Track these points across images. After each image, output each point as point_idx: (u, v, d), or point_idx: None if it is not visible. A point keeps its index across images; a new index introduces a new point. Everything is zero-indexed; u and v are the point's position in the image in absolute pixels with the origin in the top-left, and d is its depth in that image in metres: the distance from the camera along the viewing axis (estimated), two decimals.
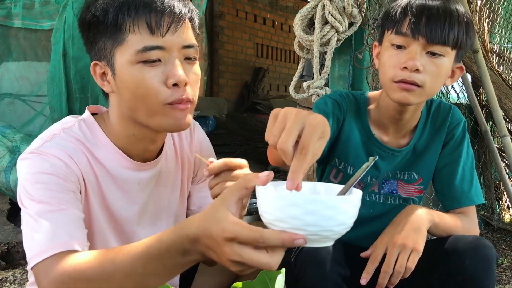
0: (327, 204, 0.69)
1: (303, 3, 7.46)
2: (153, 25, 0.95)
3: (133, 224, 1.12)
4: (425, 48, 1.17)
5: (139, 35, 0.95)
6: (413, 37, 1.16)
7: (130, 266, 0.79)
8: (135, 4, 0.96)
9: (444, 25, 1.15)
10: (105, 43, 0.99)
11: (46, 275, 0.85)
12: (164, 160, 1.17)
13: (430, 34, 1.15)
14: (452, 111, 1.37)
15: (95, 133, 1.06)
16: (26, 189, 0.94)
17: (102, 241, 1.07)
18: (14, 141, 2.51)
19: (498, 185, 3.42)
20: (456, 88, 3.08)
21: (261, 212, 0.73)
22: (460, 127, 1.36)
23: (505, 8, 3.66)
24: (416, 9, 1.18)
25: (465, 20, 1.18)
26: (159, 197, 1.17)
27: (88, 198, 1.03)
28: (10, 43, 2.74)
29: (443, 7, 1.18)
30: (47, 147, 0.98)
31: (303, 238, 0.68)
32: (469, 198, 1.34)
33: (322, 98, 1.38)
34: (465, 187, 1.34)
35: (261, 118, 6.61)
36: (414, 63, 1.15)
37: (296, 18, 1.92)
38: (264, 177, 0.73)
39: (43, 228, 0.89)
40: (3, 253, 2.26)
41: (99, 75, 1.03)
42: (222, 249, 0.69)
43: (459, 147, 1.36)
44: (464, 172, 1.35)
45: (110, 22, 0.96)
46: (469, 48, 1.24)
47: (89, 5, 1.01)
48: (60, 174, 0.95)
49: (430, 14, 1.16)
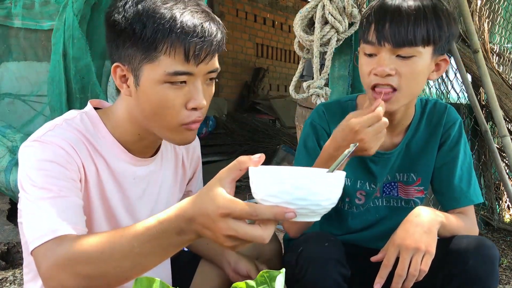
0: (315, 179, 0.77)
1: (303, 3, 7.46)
2: (190, 55, 0.95)
3: (126, 217, 1.14)
4: (394, 52, 1.16)
5: (172, 59, 0.96)
6: (379, 44, 1.16)
7: (128, 246, 0.81)
8: (176, 28, 0.94)
9: (408, 26, 1.13)
10: (135, 53, 0.98)
11: (46, 258, 0.86)
12: (160, 159, 1.20)
13: (394, 39, 1.14)
14: (447, 110, 1.36)
15: (97, 125, 1.08)
16: (29, 175, 0.95)
17: (99, 230, 1.08)
18: (14, 141, 2.51)
19: (498, 185, 3.42)
20: (456, 88, 3.08)
21: (253, 190, 0.79)
22: (456, 127, 1.35)
23: (505, 8, 3.66)
24: (379, 15, 1.16)
25: (435, 13, 1.15)
26: (150, 195, 1.19)
27: (87, 187, 1.05)
28: (10, 43, 2.74)
29: (406, 7, 1.15)
30: (50, 136, 1.00)
31: (293, 212, 0.74)
32: (468, 197, 1.33)
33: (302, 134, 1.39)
34: (464, 187, 1.33)
35: (261, 118, 6.62)
36: (383, 70, 1.15)
37: (296, 18, 1.92)
38: (257, 159, 0.79)
39: (43, 213, 0.91)
40: (3, 253, 2.26)
41: (119, 76, 1.03)
42: (217, 225, 0.74)
43: (456, 147, 1.35)
44: (462, 171, 1.34)
45: (146, 38, 0.95)
46: (449, 39, 1.20)
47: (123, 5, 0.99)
48: (62, 162, 0.97)
49: (392, 18, 1.14)
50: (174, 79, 0.97)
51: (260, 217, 0.74)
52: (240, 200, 0.75)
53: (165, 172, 1.22)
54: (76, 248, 0.85)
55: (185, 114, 1.00)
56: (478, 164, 3.24)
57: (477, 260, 1.11)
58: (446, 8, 1.20)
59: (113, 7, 1.01)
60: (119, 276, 0.84)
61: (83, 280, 0.84)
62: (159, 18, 0.94)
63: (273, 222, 0.76)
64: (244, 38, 7.91)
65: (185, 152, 1.27)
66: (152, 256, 0.82)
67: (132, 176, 1.13)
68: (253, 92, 7.76)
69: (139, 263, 0.82)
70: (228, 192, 0.76)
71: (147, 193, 1.17)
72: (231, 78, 7.59)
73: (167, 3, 0.97)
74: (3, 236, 2.34)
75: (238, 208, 0.74)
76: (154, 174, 1.18)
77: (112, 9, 1.01)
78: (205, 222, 0.76)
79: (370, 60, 1.19)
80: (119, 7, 0.99)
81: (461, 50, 2.86)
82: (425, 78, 1.22)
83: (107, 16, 1.03)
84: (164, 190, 1.22)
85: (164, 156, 1.21)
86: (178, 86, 0.98)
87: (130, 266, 0.83)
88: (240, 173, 0.79)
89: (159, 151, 1.19)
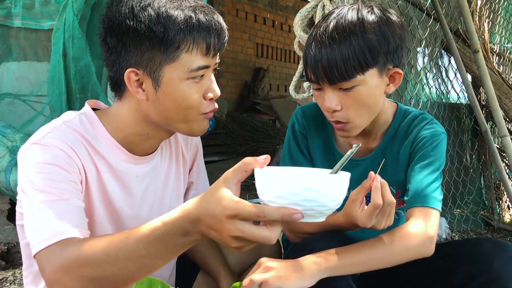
0: (323, 181, 0.77)
1: (303, 3, 7.46)
2: (211, 49, 1.02)
3: (130, 216, 1.14)
4: (335, 87, 1.15)
5: (193, 56, 1.00)
6: (318, 83, 1.16)
7: (134, 248, 0.81)
8: (196, 26, 1.00)
9: (337, 62, 1.10)
10: (153, 56, 1.00)
11: (50, 261, 0.86)
12: (159, 155, 1.20)
13: (329, 78, 1.13)
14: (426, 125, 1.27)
15: (95, 126, 1.08)
16: (29, 179, 0.95)
17: (101, 231, 1.08)
18: (14, 141, 2.51)
19: (498, 185, 3.42)
20: (456, 88, 3.08)
21: (260, 192, 0.79)
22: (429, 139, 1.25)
23: (505, 8, 3.67)
24: (311, 55, 1.15)
25: (363, 37, 1.10)
26: (155, 190, 1.19)
27: (88, 188, 1.05)
28: (10, 43, 2.73)
29: (333, 42, 1.11)
30: (49, 138, 0.99)
31: (301, 213, 0.74)
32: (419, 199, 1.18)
33: (287, 136, 1.39)
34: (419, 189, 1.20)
35: (261, 118, 6.62)
36: (328, 107, 1.17)
37: (296, 18, 1.92)
38: (262, 160, 0.79)
39: (46, 216, 0.91)
40: (3, 253, 2.26)
41: (134, 82, 1.03)
42: (224, 226, 0.74)
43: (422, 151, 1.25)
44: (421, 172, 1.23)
45: (169, 39, 0.98)
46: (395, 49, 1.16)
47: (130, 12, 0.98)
48: (62, 164, 0.97)
49: (322, 57, 1.12)
50: (196, 74, 1.02)
51: (267, 218, 0.74)
52: (247, 202, 0.75)
53: (167, 166, 1.23)
54: (81, 251, 0.84)
55: (205, 104, 1.06)
56: (478, 164, 3.25)
57: (502, 261, 1.09)
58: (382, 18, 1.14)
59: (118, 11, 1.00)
60: (124, 278, 0.84)
61: (89, 282, 0.83)
62: (176, 18, 0.98)
63: (279, 223, 0.76)
64: (244, 38, 7.91)
65: (183, 142, 1.28)
66: (158, 257, 0.82)
67: (134, 174, 1.13)
68: (253, 92, 7.76)
69: (145, 264, 0.82)
70: (234, 194, 0.76)
71: (150, 189, 1.18)
72: (231, 78, 7.59)
73: (173, 3, 1.00)
74: (3, 236, 2.34)
75: (246, 209, 0.74)
76: (156, 169, 1.19)
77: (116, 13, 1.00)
78: (211, 223, 0.76)
79: (318, 94, 1.20)
80: (127, 13, 0.98)
81: (461, 50, 2.87)
82: (379, 96, 1.19)
83: (114, 25, 1.01)
84: (168, 185, 1.23)
85: (164, 150, 1.22)
86: (198, 80, 1.03)
87: (136, 268, 0.82)
88: (245, 174, 0.79)
89: (157, 148, 1.19)
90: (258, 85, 7.93)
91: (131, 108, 1.08)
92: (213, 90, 1.06)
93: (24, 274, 1.14)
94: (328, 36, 1.12)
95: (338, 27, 1.13)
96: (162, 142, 1.19)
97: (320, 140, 1.37)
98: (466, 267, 1.14)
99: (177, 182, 1.26)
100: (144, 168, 1.15)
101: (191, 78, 1.02)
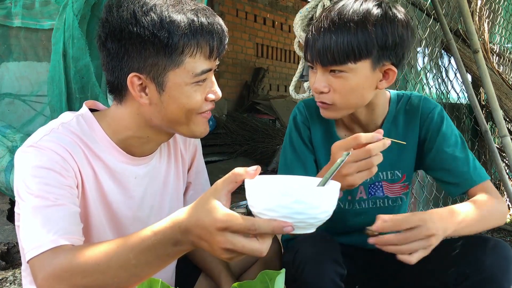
0: (314, 194, 0.76)
1: (303, 3, 7.46)
2: (214, 51, 1.02)
3: (129, 217, 1.14)
4: (327, 69, 1.18)
5: (197, 59, 1.00)
6: (312, 62, 1.21)
7: (124, 258, 0.81)
8: (199, 30, 0.99)
9: (331, 45, 1.14)
10: (157, 61, 0.99)
11: (42, 269, 0.86)
12: (158, 156, 1.20)
13: (321, 58, 1.17)
14: (422, 101, 1.34)
15: (93, 127, 1.08)
16: (25, 183, 0.95)
17: (99, 234, 1.08)
18: (14, 141, 2.51)
19: (498, 185, 3.42)
20: (456, 88, 3.09)
21: (250, 204, 0.78)
22: (435, 115, 1.31)
23: (505, 8, 3.67)
24: (310, 35, 1.20)
25: (362, 26, 1.13)
26: (154, 191, 1.19)
27: (85, 192, 1.04)
28: (10, 43, 2.73)
29: (332, 25, 1.15)
30: (45, 141, 0.99)
31: (291, 226, 0.74)
32: (472, 179, 1.26)
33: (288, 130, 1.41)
34: (462, 168, 1.27)
35: (261, 118, 6.61)
36: (316, 87, 1.21)
37: (296, 18, 1.92)
38: (253, 171, 0.79)
39: (39, 222, 0.90)
40: (3, 253, 2.26)
41: (137, 86, 1.02)
42: (215, 238, 0.74)
43: (440, 133, 1.30)
44: (456, 155, 1.28)
45: (173, 44, 0.97)
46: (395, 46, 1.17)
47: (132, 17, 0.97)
48: (58, 168, 0.97)
49: (319, 37, 1.17)
50: (200, 78, 1.02)
51: (258, 231, 0.73)
52: (238, 214, 0.74)
53: (166, 166, 1.22)
54: (72, 259, 0.84)
55: (204, 104, 1.07)
56: None
57: (493, 260, 1.10)
58: (387, 13, 1.16)
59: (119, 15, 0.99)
60: (116, 287, 0.83)
61: None
62: (180, 22, 0.97)
63: (270, 235, 0.76)
64: (244, 38, 7.91)
65: (182, 143, 1.28)
66: (149, 267, 0.81)
67: (133, 175, 1.13)
68: (253, 92, 7.76)
69: (135, 274, 0.82)
70: (224, 205, 0.76)
71: (150, 190, 1.18)
72: (231, 78, 7.59)
73: (175, 6, 0.99)
74: (3, 236, 2.34)
75: (237, 222, 0.73)
76: (155, 170, 1.18)
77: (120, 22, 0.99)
78: (202, 234, 0.75)
79: (312, 74, 1.24)
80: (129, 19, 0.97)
81: (461, 50, 2.87)
82: (368, 89, 1.21)
83: (116, 31, 1.00)
84: (168, 185, 1.22)
85: (163, 151, 1.22)
86: (201, 83, 1.04)
87: (127, 277, 0.82)
88: (235, 185, 0.78)
89: (157, 149, 1.19)
90: (258, 85, 7.92)
91: (132, 112, 1.07)
92: (215, 92, 1.07)
93: (23, 275, 1.14)
94: (330, 20, 1.16)
95: (341, 13, 1.16)
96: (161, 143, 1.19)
97: (322, 131, 1.38)
98: (460, 267, 1.14)
99: (176, 182, 1.25)
100: (142, 169, 1.15)
101: (195, 82, 1.02)
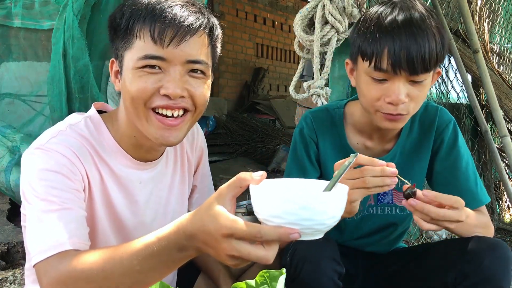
0: (320, 199, 0.74)
1: (303, 3, 7.46)
2: (155, 36, 0.95)
3: (134, 222, 1.13)
4: (408, 79, 1.13)
5: (143, 43, 0.97)
6: (395, 72, 1.11)
7: (128, 264, 0.80)
8: (145, 12, 0.97)
9: (424, 54, 1.09)
10: (118, 44, 1.01)
11: (47, 274, 0.86)
12: (165, 160, 1.18)
13: (412, 69, 1.10)
14: (439, 113, 1.33)
15: (100, 130, 1.07)
16: (32, 186, 0.94)
17: (104, 238, 1.07)
18: (14, 141, 2.50)
19: (498, 185, 3.42)
20: (456, 88, 3.08)
21: (256, 210, 0.76)
22: (450, 128, 1.31)
23: (505, 8, 3.67)
24: (391, 39, 1.10)
25: (439, 33, 1.12)
26: (159, 196, 1.18)
27: (91, 195, 1.04)
28: (10, 43, 2.73)
29: (417, 30, 1.10)
30: (53, 143, 0.98)
31: (298, 232, 0.72)
32: (478, 199, 1.29)
33: (293, 141, 1.38)
34: (472, 188, 1.29)
35: (261, 118, 6.61)
36: (399, 99, 1.13)
37: (296, 18, 1.92)
38: (258, 177, 0.76)
39: (45, 227, 0.90)
40: (3, 253, 2.25)
41: (114, 72, 1.05)
42: (220, 244, 0.72)
43: (455, 148, 1.31)
44: (467, 173, 1.30)
45: (123, 25, 0.99)
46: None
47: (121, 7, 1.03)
48: (65, 172, 0.96)
49: (407, 46, 1.09)
50: (145, 62, 0.96)
51: (264, 238, 0.71)
52: (243, 221, 0.72)
53: (172, 170, 1.21)
54: (77, 265, 0.84)
55: (154, 98, 0.98)
56: (478, 164, 3.24)
57: (492, 260, 1.10)
58: (437, 18, 1.16)
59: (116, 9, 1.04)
60: None
61: None
62: (135, 5, 0.98)
63: (277, 242, 0.73)
64: (244, 38, 7.91)
65: (188, 145, 1.26)
66: (153, 273, 0.80)
67: (138, 180, 1.12)
68: (253, 92, 7.76)
69: (139, 280, 0.81)
70: (229, 210, 0.74)
71: (155, 195, 1.16)
72: (231, 78, 7.59)
73: None
74: (3, 236, 2.33)
75: (242, 229, 0.71)
76: (161, 175, 1.17)
77: (114, 11, 1.04)
78: (207, 240, 0.74)
79: (378, 86, 1.15)
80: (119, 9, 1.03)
81: (461, 50, 2.87)
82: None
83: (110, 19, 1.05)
84: (173, 190, 1.21)
85: (170, 154, 1.20)
86: (151, 71, 0.97)
87: (131, 283, 0.81)
88: (240, 190, 0.76)
89: (164, 153, 1.17)
90: (258, 85, 7.92)
91: (121, 105, 1.08)
92: (167, 87, 0.97)
93: (26, 274, 1.14)
94: (407, 27, 1.10)
95: (413, 19, 1.11)
96: (168, 147, 1.17)
97: (332, 144, 1.35)
98: (459, 267, 1.14)
99: (181, 186, 1.24)
100: (148, 174, 1.13)
101: (142, 67, 0.96)
